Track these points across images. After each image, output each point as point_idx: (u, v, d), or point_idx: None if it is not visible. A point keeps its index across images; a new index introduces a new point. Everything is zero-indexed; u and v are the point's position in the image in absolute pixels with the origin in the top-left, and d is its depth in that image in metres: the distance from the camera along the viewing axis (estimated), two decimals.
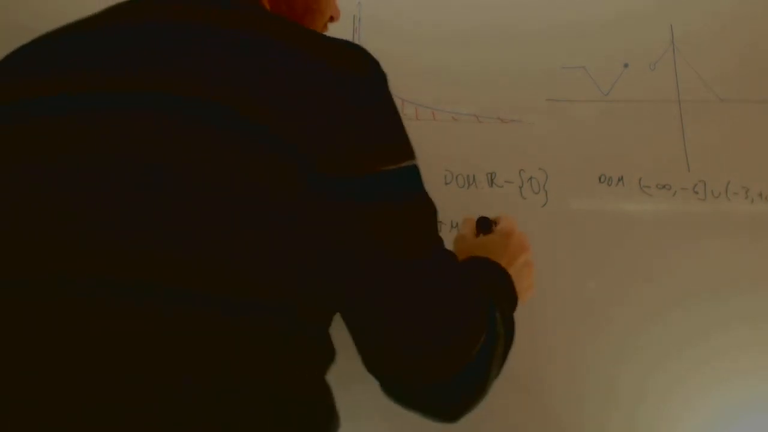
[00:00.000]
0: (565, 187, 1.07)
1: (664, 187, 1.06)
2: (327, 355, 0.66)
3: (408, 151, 0.64)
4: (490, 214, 0.91)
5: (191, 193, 0.57)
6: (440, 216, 0.67)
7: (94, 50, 0.65)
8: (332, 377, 0.65)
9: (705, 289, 1.04)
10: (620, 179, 1.07)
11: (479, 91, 1.07)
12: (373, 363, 0.64)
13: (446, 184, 1.08)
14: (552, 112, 1.07)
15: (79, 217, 0.58)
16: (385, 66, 0.64)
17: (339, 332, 0.65)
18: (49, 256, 0.58)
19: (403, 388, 0.65)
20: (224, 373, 0.57)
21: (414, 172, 0.64)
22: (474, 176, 1.08)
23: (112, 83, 0.62)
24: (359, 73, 0.62)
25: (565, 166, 1.07)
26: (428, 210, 0.65)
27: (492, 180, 1.08)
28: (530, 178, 1.07)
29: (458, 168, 1.08)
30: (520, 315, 1.02)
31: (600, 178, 1.07)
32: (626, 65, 1.08)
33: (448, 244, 0.68)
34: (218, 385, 0.57)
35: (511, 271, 0.80)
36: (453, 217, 1.05)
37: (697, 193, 1.06)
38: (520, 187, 1.06)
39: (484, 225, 0.90)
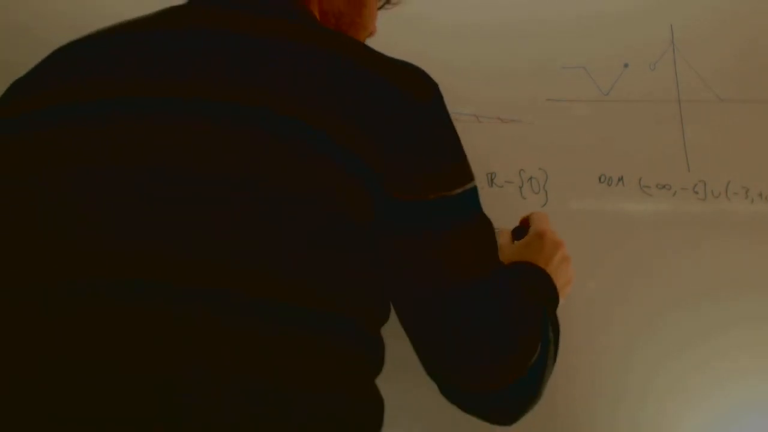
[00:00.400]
0: (565, 187, 1.06)
1: (664, 187, 1.06)
2: (379, 361, 0.67)
3: (469, 173, 0.66)
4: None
5: (258, 204, 0.57)
6: None
7: (150, 55, 0.64)
8: None
9: (705, 289, 1.04)
10: (620, 179, 1.07)
11: (479, 91, 1.07)
12: (432, 371, 0.68)
13: None
14: (552, 112, 1.07)
15: (131, 222, 0.58)
16: None
17: None
18: (99, 259, 0.58)
19: (460, 396, 0.68)
20: (279, 380, 0.57)
21: (475, 194, 0.66)
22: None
23: (171, 90, 0.61)
24: (426, 97, 0.64)
25: (565, 166, 1.07)
26: (488, 229, 0.68)
27: (492, 180, 1.08)
28: (530, 178, 1.07)
29: None
30: None
31: (600, 178, 1.07)
32: (626, 65, 1.07)
33: None
34: (273, 393, 0.57)
35: (550, 270, 0.83)
36: None
37: (697, 193, 1.06)
38: (520, 187, 1.06)
39: (519, 234, 0.92)
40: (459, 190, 0.64)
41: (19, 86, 0.69)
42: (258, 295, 0.57)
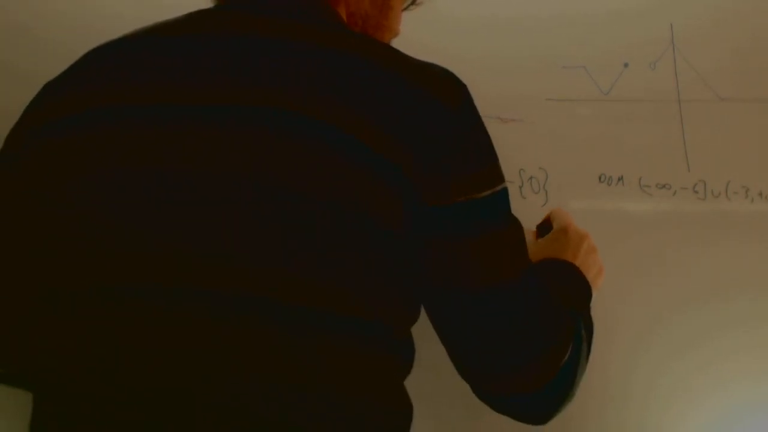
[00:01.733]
0: (565, 187, 1.06)
1: (664, 186, 1.06)
2: (409, 363, 0.68)
3: (501, 174, 0.66)
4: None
5: (287, 209, 0.58)
6: None
7: (184, 61, 0.64)
8: None
9: (706, 289, 1.04)
10: (620, 179, 1.07)
11: (478, 90, 1.07)
12: (464, 373, 0.69)
13: None
14: (552, 111, 1.07)
15: (169, 227, 0.58)
16: None
17: None
18: (145, 265, 0.59)
19: (493, 398, 0.69)
20: (310, 385, 0.58)
21: (506, 194, 0.66)
22: None
23: (209, 96, 0.61)
24: (456, 101, 0.64)
25: (565, 166, 1.06)
26: (517, 230, 0.68)
27: None
28: (530, 178, 1.07)
29: None
30: None
31: (600, 178, 1.07)
32: (626, 64, 1.07)
33: None
34: (303, 398, 0.58)
35: (578, 263, 0.83)
36: None
37: (697, 192, 1.06)
38: (520, 187, 1.06)
39: (543, 231, 0.93)
40: (488, 192, 0.64)
41: (47, 91, 0.70)
42: (288, 299, 0.57)
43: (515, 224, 0.68)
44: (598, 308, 1.04)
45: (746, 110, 1.06)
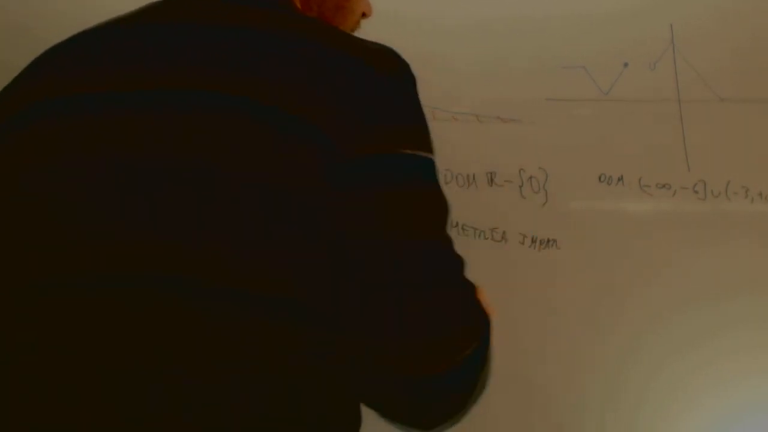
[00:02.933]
0: (565, 187, 1.07)
1: (664, 186, 1.06)
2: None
3: (427, 146, 0.65)
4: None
5: (217, 188, 0.58)
6: None
7: (131, 49, 0.66)
8: None
9: (705, 289, 1.04)
10: (620, 179, 1.07)
11: (479, 90, 1.08)
12: (353, 346, 0.61)
13: (446, 183, 1.08)
14: (552, 111, 1.07)
15: (110, 213, 0.59)
16: None
17: None
18: (80, 254, 0.58)
19: (389, 381, 0.61)
20: (283, 375, 0.57)
21: (430, 164, 0.65)
22: (474, 176, 1.08)
23: (154, 82, 0.62)
24: (389, 70, 0.64)
25: (565, 166, 1.07)
26: (440, 202, 0.66)
27: (492, 179, 1.08)
28: (530, 178, 1.07)
29: (458, 167, 1.08)
30: (521, 316, 1.02)
31: (600, 178, 1.07)
32: (626, 64, 1.08)
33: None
34: (277, 389, 0.57)
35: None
36: (453, 217, 1.05)
37: (697, 192, 1.06)
38: (520, 187, 1.06)
39: None
40: (409, 151, 0.63)
41: (14, 82, 0.70)
42: (213, 280, 0.57)
43: (434, 192, 0.65)
44: (598, 308, 1.04)
45: (746, 110, 1.06)
